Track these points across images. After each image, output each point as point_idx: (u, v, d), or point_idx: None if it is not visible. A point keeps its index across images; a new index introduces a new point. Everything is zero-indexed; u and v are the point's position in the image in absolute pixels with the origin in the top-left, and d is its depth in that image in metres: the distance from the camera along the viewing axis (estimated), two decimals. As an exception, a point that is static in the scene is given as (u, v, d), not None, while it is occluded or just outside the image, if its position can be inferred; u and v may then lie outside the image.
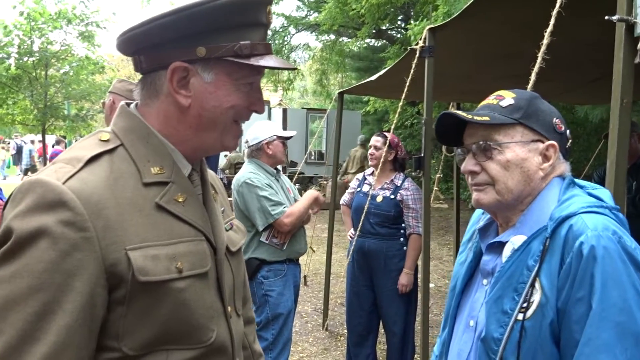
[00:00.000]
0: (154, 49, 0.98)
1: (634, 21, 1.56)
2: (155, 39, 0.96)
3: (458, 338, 1.28)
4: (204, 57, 0.96)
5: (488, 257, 1.25)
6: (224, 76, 0.98)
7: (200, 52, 0.95)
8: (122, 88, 2.89)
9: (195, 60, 0.96)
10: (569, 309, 1.03)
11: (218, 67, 0.97)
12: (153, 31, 0.95)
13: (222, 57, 0.96)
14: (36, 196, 0.85)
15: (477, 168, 1.21)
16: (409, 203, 3.45)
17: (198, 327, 0.96)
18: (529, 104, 1.19)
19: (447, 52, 3.00)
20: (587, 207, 1.08)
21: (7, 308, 0.81)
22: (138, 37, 0.97)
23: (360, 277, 3.60)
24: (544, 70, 3.09)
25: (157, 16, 0.95)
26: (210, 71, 0.97)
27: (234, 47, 0.95)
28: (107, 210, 0.87)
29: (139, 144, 0.98)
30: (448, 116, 1.24)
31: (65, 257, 0.82)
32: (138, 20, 0.98)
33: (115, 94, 2.88)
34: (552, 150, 1.18)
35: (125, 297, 0.88)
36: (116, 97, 2.88)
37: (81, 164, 0.90)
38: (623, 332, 0.98)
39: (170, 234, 0.95)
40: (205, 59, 0.96)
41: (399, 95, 6.51)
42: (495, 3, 2.50)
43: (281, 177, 3.13)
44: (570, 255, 1.04)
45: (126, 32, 0.99)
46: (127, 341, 0.89)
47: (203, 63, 0.97)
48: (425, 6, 9.84)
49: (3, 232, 0.85)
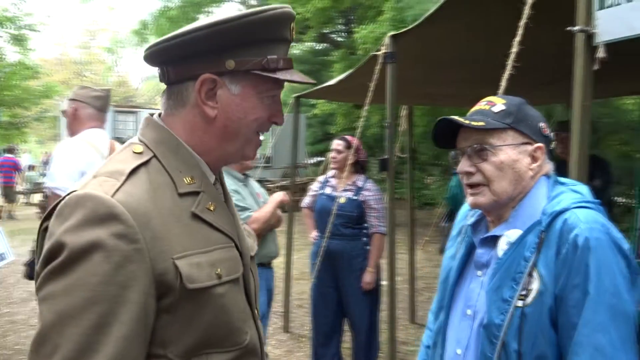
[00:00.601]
0: (184, 61, 0.99)
1: (592, 31, 1.71)
2: (187, 51, 0.98)
3: (455, 326, 1.37)
4: (232, 70, 0.99)
5: (482, 251, 1.34)
6: (250, 89, 1.01)
7: (229, 65, 0.98)
8: (85, 95, 2.81)
9: (224, 73, 0.99)
10: (566, 295, 1.13)
11: (245, 80, 1.00)
12: (186, 43, 0.97)
13: (249, 71, 0.99)
14: (87, 210, 0.85)
15: (472, 169, 1.30)
16: (371, 203, 3.56)
17: (235, 330, 1.00)
18: (519, 110, 1.30)
19: (404, 57, 3.13)
20: (577, 203, 1.20)
21: (62, 323, 0.81)
22: (170, 49, 0.99)
23: (325, 278, 3.67)
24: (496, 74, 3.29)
25: (192, 29, 0.97)
26: (238, 84, 1.00)
27: (262, 61, 0.99)
28: (153, 221, 0.89)
29: (170, 155, 1.00)
30: (443, 121, 1.33)
31: (119, 269, 0.83)
32: (169, 34, 1.00)
33: (78, 101, 2.80)
34: (540, 151, 1.29)
35: (172, 305, 0.90)
36: (79, 105, 2.81)
37: (124, 177, 0.92)
38: (615, 313, 1.09)
39: (207, 241, 0.97)
40: (233, 71, 0.99)
41: (356, 99, 6.67)
42: (453, 12, 2.64)
43: (250, 182, 3.14)
44: (566, 246, 1.14)
45: (157, 44, 1.00)
46: (173, 348, 0.91)
47: (231, 76, 0.99)
48: (370, 10, 10.09)
49: (53, 246, 0.85)
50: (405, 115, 5.15)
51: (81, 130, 2.82)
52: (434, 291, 6.43)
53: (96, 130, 2.86)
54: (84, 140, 2.77)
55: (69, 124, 2.87)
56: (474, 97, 5.44)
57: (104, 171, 0.94)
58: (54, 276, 0.84)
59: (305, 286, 6.26)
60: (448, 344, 1.39)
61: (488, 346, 1.22)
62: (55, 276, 0.83)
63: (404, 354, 4.27)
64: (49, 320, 0.82)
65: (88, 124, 2.84)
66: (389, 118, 3.11)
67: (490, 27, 2.75)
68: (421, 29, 2.84)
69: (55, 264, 0.84)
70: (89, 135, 2.81)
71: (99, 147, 2.79)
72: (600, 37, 1.69)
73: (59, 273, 0.83)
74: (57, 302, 0.82)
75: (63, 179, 2.59)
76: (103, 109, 2.91)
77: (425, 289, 6.25)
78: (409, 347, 4.50)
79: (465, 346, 1.31)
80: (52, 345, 0.81)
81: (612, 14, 1.68)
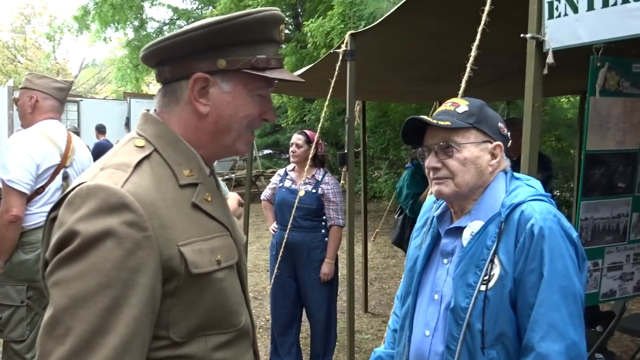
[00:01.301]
0: (178, 60, 1.05)
1: (543, 39, 1.87)
2: (182, 51, 1.03)
3: (423, 311, 1.48)
4: (224, 69, 1.04)
5: (447, 240, 1.46)
6: (241, 87, 1.07)
7: (221, 64, 1.04)
8: (46, 85, 2.71)
9: (216, 72, 1.04)
10: (524, 278, 1.27)
11: (236, 79, 1.06)
12: (181, 43, 1.02)
13: (240, 70, 1.05)
14: (99, 200, 0.89)
15: (439, 164, 1.42)
16: (329, 196, 3.66)
17: (232, 312, 1.06)
18: (480, 111, 1.43)
19: (362, 55, 3.24)
20: (532, 196, 1.34)
21: (75, 305, 0.85)
22: (165, 48, 1.04)
23: (285, 269, 3.74)
24: (446, 73, 3.45)
25: (187, 30, 1.02)
26: (229, 82, 1.06)
27: (252, 61, 1.05)
28: (160, 210, 0.94)
29: (170, 149, 1.05)
30: (413, 120, 1.44)
31: (130, 255, 0.88)
32: (165, 35, 1.05)
33: (37, 91, 2.70)
34: (499, 149, 1.43)
35: (176, 289, 0.95)
36: (39, 95, 2.70)
37: (131, 169, 0.96)
38: (565, 293, 1.24)
39: (207, 230, 1.03)
40: (224, 70, 1.04)
41: (311, 94, 6.71)
42: (409, 14, 2.76)
43: (213, 175, 3.15)
44: (524, 235, 1.28)
45: (154, 44, 1.05)
46: (175, 329, 0.97)
47: (222, 74, 1.05)
48: (320, 5, 10.15)
49: (65, 234, 0.88)
50: (358, 110, 5.28)
51: (37, 121, 2.73)
52: (384, 282, 6.65)
53: (53, 121, 2.76)
54: (39, 132, 2.67)
55: (24, 114, 2.74)
56: (424, 94, 5.67)
57: (111, 163, 0.98)
58: (66, 262, 0.87)
59: (258, 278, 6.31)
60: (416, 327, 1.50)
61: (455, 327, 1.34)
62: (68, 262, 0.87)
63: (359, 342, 4.41)
64: (61, 304, 0.86)
65: (46, 115, 2.74)
66: (349, 113, 3.21)
67: (442, 30, 2.90)
68: (378, 29, 2.96)
69: (68, 250, 0.87)
70: (46, 127, 2.71)
71: (55, 139, 2.71)
72: (549, 44, 1.84)
73: (71, 259, 0.87)
74: (71, 287, 0.86)
75: (18, 171, 2.51)
76: (64, 100, 2.83)
77: (376, 279, 6.45)
78: (363, 336, 4.65)
79: (434, 328, 1.42)
80: (65, 327, 0.85)
81: (560, 24, 1.83)
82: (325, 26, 8.38)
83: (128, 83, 18.11)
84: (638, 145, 2.21)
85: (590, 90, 2.03)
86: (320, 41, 8.49)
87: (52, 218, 0.96)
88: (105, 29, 16.04)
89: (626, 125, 2.16)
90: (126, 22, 16.14)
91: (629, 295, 2.33)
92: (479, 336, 1.30)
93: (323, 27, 8.43)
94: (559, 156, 8.64)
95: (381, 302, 5.62)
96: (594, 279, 2.20)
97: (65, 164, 2.73)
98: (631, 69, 2.11)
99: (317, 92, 4.75)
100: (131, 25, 16.60)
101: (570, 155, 8.75)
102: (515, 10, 2.02)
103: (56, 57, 26.16)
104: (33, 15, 26.28)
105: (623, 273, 2.27)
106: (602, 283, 2.22)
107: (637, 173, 2.24)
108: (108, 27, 16.06)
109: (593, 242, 2.15)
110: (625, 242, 2.25)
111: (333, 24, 8.23)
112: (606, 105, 2.08)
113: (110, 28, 16.26)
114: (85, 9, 15.43)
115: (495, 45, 2.71)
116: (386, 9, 5.91)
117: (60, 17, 23.12)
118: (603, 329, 3.13)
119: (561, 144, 9.37)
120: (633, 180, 2.24)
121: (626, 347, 4.25)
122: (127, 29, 16.74)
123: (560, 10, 1.82)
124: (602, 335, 3.00)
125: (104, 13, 15.07)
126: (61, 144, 2.74)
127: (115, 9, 15.08)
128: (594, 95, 2.04)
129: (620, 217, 2.22)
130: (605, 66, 2.02)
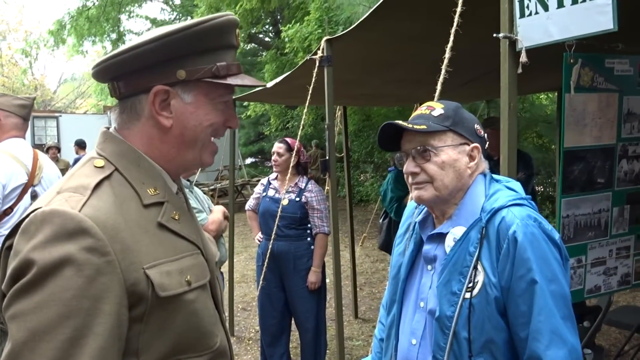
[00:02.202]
0: (134, 75, 1.01)
1: (515, 38, 1.87)
2: (138, 65, 0.99)
3: (409, 319, 1.46)
4: (184, 79, 1.01)
5: (429, 246, 1.44)
6: (202, 96, 1.04)
7: (180, 75, 1.00)
8: (7, 103, 2.67)
9: (175, 83, 1.01)
10: (512, 286, 1.25)
11: (196, 89, 1.03)
12: (135, 57, 0.99)
13: (201, 79, 1.02)
14: (55, 226, 0.85)
15: (417, 169, 1.40)
16: (313, 204, 3.63)
17: (206, 333, 1.02)
18: (456, 114, 1.41)
19: (338, 60, 3.23)
20: (512, 200, 1.32)
21: (35, 339, 0.80)
22: (119, 64, 1.00)
23: (271, 279, 3.70)
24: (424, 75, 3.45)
25: (141, 43, 0.98)
26: (190, 92, 1.03)
27: (212, 69, 1.02)
28: (121, 233, 0.90)
29: (132, 168, 1.01)
30: (388, 126, 1.42)
31: (92, 282, 0.84)
32: (117, 50, 1.01)
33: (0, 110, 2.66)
34: (476, 151, 1.41)
35: (144, 314, 0.92)
36: (1, 114, 2.66)
37: (89, 192, 0.92)
38: (556, 297, 1.23)
39: (175, 250, 0.99)
40: (184, 81, 1.01)
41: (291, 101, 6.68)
42: (384, 17, 2.76)
43: (194, 188, 3.11)
44: (507, 241, 1.26)
45: (105, 60, 1.01)
46: (146, 356, 0.93)
47: (182, 85, 1.02)
48: (298, 11, 10.17)
49: (21, 264, 0.84)
50: (339, 115, 5.27)
51: (1, 140, 2.68)
52: (374, 286, 6.64)
53: (17, 140, 2.71)
54: (4, 152, 2.62)
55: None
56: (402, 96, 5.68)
57: (68, 187, 0.94)
58: (23, 294, 0.83)
59: (246, 289, 6.25)
60: (402, 335, 1.47)
61: (441, 336, 1.31)
62: (25, 294, 0.83)
63: (350, 349, 4.38)
64: (20, 338, 0.81)
65: (9, 134, 2.69)
66: (328, 120, 3.19)
67: (418, 32, 2.90)
68: (354, 33, 2.95)
69: (25, 281, 0.83)
70: (10, 146, 2.66)
71: (21, 158, 2.65)
72: (522, 43, 1.84)
73: (28, 290, 0.83)
74: (29, 319, 0.81)
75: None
76: (27, 117, 2.78)
77: (365, 284, 6.43)
78: (354, 342, 4.62)
79: (421, 336, 1.40)
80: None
81: (531, 22, 1.83)
82: (303, 31, 8.40)
83: (108, 97, 17.92)
84: (615, 139, 2.22)
85: (565, 87, 2.04)
86: (299, 46, 8.50)
87: (7, 247, 0.91)
88: (82, 42, 15.90)
89: (602, 121, 2.17)
90: (103, 35, 16.02)
91: (613, 290, 2.34)
92: (466, 344, 1.28)
93: (300, 32, 8.45)
94: (540, 152, 8.72)
95: (371, 307, 5.60)
96: (579, 276, 2.19)
97: (33, 183, 2.68)
98: (604, 65, 2.12)
99: (297, 99, 4.72)
100: (109, 38, 16.47)
101: (551, 151, 8.84)
102: (487, 10, 2.02)
103: (33, 72, 25.81)
104: (8, 31, 25.96)
105: (607, 268, 2.27)
106: (586, 279, 2.22)
107: (615, 167, 2.25)
108: (85, 41, 15.92)
109: (575, 239, 2.15)
110: (607, 237, 2.26)
111: (310, 29, 8.25)
112: (581, 101, 2.09)
113: (87, 41, 16.12)
114: (61, 23, 15.29)
115: (471, 45, 2.72)
116: (362, 13, 5.93)
117: (36, 32, 22.88)
118: (590, 324, 3.13)
119: (542, 140, 9.47)
120: (612, 175, 2.24)
121: (614, 340, 4.27)
122: (104, 42, 16.61)
123: (531, 8, 1.82)
124: (589, 330, 3.01)
125: (80, 26, 14.93)
126: (27, 162, 2.68)
127: (92, 22, 14.96)
128: (569, 92, 2.04)
129: (601, 212, 2.23)
130: (579, 62, 2.03)
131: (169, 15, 17.66)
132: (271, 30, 15.59)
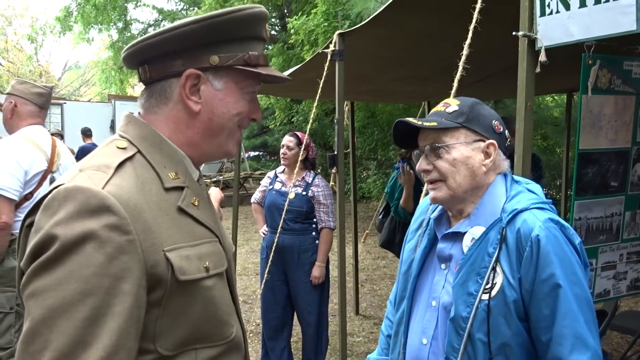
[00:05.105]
0: (167, 57, 1.00)
1: (534, 37, 1.84)
2: (172, 48, 0.99)
3: (419, 317, 1.44)
4: (216, 65, 1.00)
5: (444, 245, 1.42)
6: (232, 84, 1.03)
7: (213, 60, 1.00)
8: (25, 91, 2.70)
9: (207, 69, 1.00)
10: (535, 289, 1.23)
11: (227, 76, 1.03)
12: (172, 40, 0.98)
13: (233, 66, 1.01)
14: (78, 202, 0.84)
15: (429, 167, 1.38)
16: (320, 198, 3.61)
17: (223, 323, 1.01)
18: (471, 110, 1.38)
19: (351, 55, 3.21)
20: (535, 204, 1.30)
21: (53, 317, 0.79)
22: (156, 45, 0.99)
23: (275, 272, 3.68)
24: (435, 73, 3.42)
25: (179, 25, 0.98)
26: (221, 79, 1.02)
27: (244, 57, 1.02)
28: (144, 213, 0.89)
29: (154, 151, 1.00)
30: (400, 123, 1.40)
31: (113, 261, 0.83)
32: (155, 31, 1.00)
33: (17, 97, 2.68)
34: (492, 148, 1.38)
35: (162, 297, 0.90)
36: (18, 100, 2.69)
37: (112, 170, 0.91)
38: (581, 301, 1.21)
39: (194, 235, 0.98)
40: (216, 67, 1.00)
41: (300, 94, 6.66)
42: (397, 13, 2.74)
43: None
44: (529, 244, 1.24)
45: (142, 41, 1.00)
46: (163, 342, 0.91)
47: (214, 71, 1.01)
48: (307, 5, 10.13)
49: (42, 240, 0.82)
50: (347, 110, 5.24)
51: (20, 127, 2.72)
52: (375, 283, 6.65)
53: (37, 127, 2.75)
54: (25, 138, 2.66)
55: (6, 119, 2.74)
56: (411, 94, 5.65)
57: (90, 165, 0.93)
58: (43, 270, 0.81)
59: (247, 282, 6.24)
60: (412, 334, 1.45)
61: (455, 337, 1.29)
62: (45, 270, 0.81)
63: (350, 345, 4.37)
64: (38, 316, 0.80)
65: (28, 121, 2.73)
66: (338, 114, 3.17)
67: (430, 29, 2.88)
68: (367, 28, 2.93)
69: (45, 257, 0.82)
70: (30, 133, 2.70)
71: (40, 144, 2.69)
72: (541, 42, 1.82)
73: (49, 266, 0.81)
74: (48, 296, 0.80)
75: (6, 179, 2.50)
76: (45, 106, 2.81)
77: (367, 281, 6.42)
78: (355, 339, 4.62)
79: (432, 336, 1.38)
80: (42, 341, 0.79)
81: (552, 21, 1.81)
82: (309, 24, 8.36)
83: (112, 85, 17.92)
84: (630, 143, 2.20)
85: (582, 88, 2.01)
86: (305, 39, 8.47)
87: (28, 224, 0.90)
88: (88, 30, 15.86)
89: (618, 124, 2.14)
90: (110, 24, 15.97)
91: (622, 294, 2.32)
92: (481, 346, 1.26)
93: (306, 24, 8.41)
94: (545, 154, 8.70)
95: (372, 304, 5.59)
96: (588, 279, 2.18)
97: (52, 169, 2.73)
98: (622, 67, 2.10)
99: (305, 92, 4.70)
100: (115, 26, 16.43)
101: (556, 153, 8.81)
102: (505, 7, 2.00)
103: (38, 59, 25.78)
104: (14, 16, 25.90)
105: (617, 272, 2.25)
106: (596, 283, 2.20)
107: (629, 171, 2.23)
108: (91, 29, 15.88)
109: (587, 242, 2.13)
110: (618, 241, 2.24)
111: (317, 22, 8.21)
112: (598, 103, 2.06)
113: (93, 29, 16.09)
114: (68, 10, 15.24)
115: (483, 44, 2.69)
116: (373, 9, 5.89)
117: (43, 18, 22.81)
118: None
119: (547, 143, 9.43)
120: (625, 179, 2.22)
121: (617, 345, 4.26)
122: (110, 30, 16.58)
123: (552, 7, 1.80)
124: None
125: (87, 14, 14.89)
126: (47, 149, 2.73)
127: (99, 9, 14.91)
128: (586, 94, 2.02)
129: (614, 216, 2.21)
130: (597, 64, 2.01)
131: (176, 6, 17.58)
132: (278, 24, 15.53)
